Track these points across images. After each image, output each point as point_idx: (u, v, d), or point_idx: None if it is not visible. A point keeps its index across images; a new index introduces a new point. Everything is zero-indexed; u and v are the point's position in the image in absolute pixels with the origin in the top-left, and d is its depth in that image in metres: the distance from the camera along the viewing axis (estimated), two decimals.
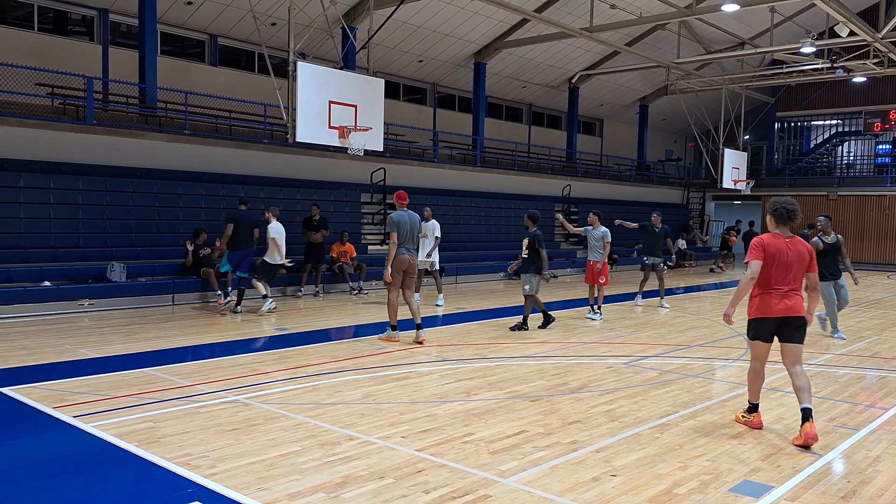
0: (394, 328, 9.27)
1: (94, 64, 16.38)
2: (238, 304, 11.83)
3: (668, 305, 13.47)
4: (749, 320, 5.68)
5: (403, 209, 9.39)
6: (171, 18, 17.67)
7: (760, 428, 5.75)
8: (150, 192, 14.16)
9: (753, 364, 5.80)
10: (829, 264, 9.96)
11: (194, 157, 15.26)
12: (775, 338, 5.60)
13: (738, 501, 4.27)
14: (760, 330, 5.59)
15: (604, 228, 12.04)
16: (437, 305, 13.08)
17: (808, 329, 5.69)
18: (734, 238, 25.20)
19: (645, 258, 13.72)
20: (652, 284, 13.96)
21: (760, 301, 5.54)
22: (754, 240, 5.63)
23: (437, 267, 13.63)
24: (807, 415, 5.35)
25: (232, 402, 6.22)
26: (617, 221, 13.72)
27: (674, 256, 13.53)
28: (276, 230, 11.75)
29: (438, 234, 13.33)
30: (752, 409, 5.87)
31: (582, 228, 12.48)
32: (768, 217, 5.68)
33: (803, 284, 5.72)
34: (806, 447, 5.28)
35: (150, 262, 13.18)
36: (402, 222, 9.19)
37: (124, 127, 14.50)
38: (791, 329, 5.52)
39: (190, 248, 12.83)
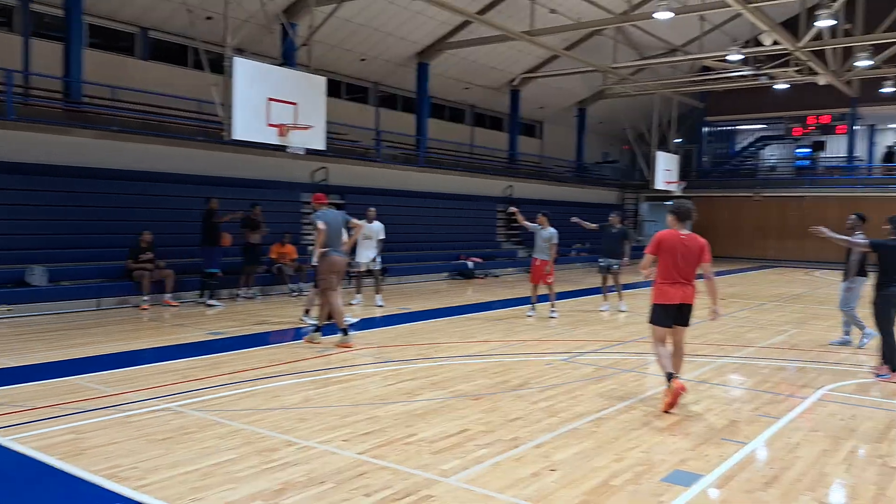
0: (345, 332, 9.02)
1: (13, 56, 15.59)
2: (211, 297, 12.84)
3: (626, 308, 12.96)
4: (652, 305, 6.41)
5: (325, 209, 9.26)
6: (99, 10, 16.98)
7: (684, 389, 6.16)
8: (74, 192, 13.57)
9: (656, 346, 6.42)
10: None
11: (124, 154, 14.70)
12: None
13: (669, 490, 4.40)
14: (661, 315, 6.33)
15: (552, 230, 12.04)
16: (378, 306, 12.99)
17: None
18: None
19: (601, 260, 13.28)
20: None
21: (661, 290, 6.31)
22: (655, 235, 6.45)
23: (379, 267, 13.57)
24: (670, 377, 6.17)
25: (163, 410, 6.01)
26: (573, 219, 13.64)
27: (626, 258, 12.99)
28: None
29: (383, 235, 13.36)
30: (670, 377, 6.25)
31: (532, 226, 12.37)
32: (668, 216, 6.48)
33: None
34: (673, 403, 6.12)
35: (74, 265, 12.62)
36: (328, 220, 9.02)
37: (47, 123, 13.86)
38: (683, 314, 6.34)
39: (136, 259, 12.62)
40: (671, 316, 6.31)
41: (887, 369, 7.73)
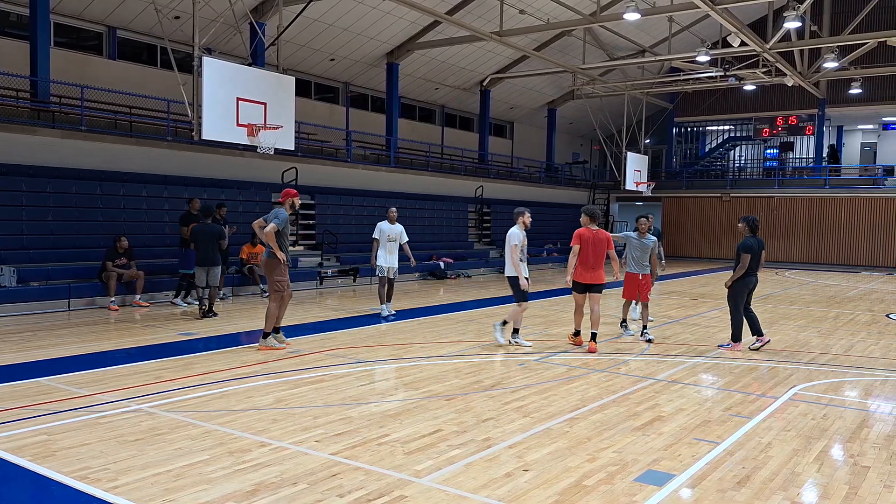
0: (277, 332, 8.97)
1: None
2: (177, 296, 12.89)
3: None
4: (573, 282, 9.13)
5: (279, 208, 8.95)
6: (66, 9, 16.70)
7: (581, 344, 9.28)
8: (42, 192, 13.36)
9: (577, 306, 9.30)
10: None
11: (92, 154, 14.49)
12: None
13: (642, 490, 4.45)
14: (579, 288, 9.18)
15: (653, 237, 10.48)
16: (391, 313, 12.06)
17: None
18: None
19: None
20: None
21: (579, 271, 9.09)
22: (575, 232, 9.06)
23: (394, 276, 12.05)
24: (594, 337, 9.10)
25: (135, 411, 5.96)
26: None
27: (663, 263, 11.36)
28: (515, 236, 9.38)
29: (406, 237, 11.95)
30: (577, 333, 9.45)
31: (622, 234, 10.80)
32: (582, 216, 9.15)
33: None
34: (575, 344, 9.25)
35: (44, 266, 12.42)
36: (283, 218, 8.77)
37: (14, 122, 13.60)
38: (595, 288, 9.14)
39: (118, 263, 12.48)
40: (586, 288, 9.12)
41: (728, 341, 9.54)
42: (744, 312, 9.43)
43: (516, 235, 9.26)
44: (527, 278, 9.25)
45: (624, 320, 10.68)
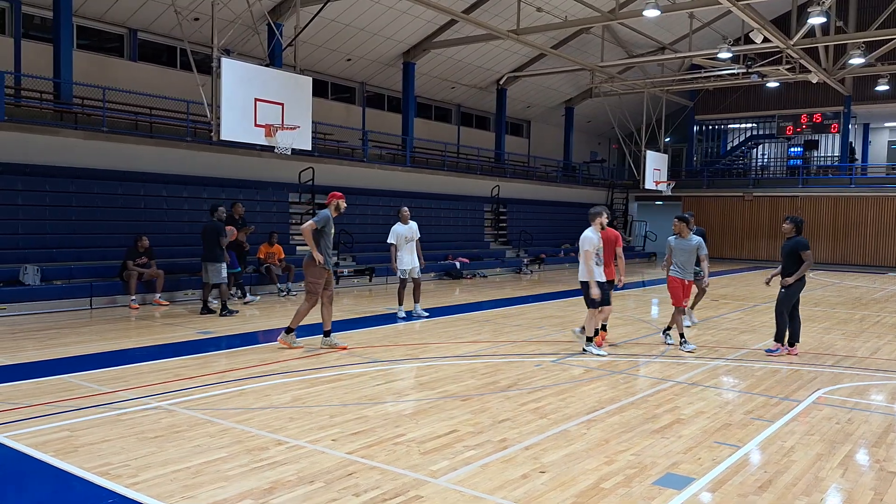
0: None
1: (5, 58, 15.52)
2: (242, 294, 13.42)
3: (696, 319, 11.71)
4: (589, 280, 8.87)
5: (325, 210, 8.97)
6: (88, 11, 16.92)
7: (601, 344, 9.04)
8: (65, 192, 13.56)
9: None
10: None
11: (113, 154, 14.67)
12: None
13: (661, 494, 4.39)
14: (599, 285, 8.67)
15: (696, 238, 9.46)
16: (422, 316, 11.83)
17: None
18: None
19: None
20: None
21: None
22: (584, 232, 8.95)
23: (418, 275, 11.87)
24: (603, 327, 9.43)
25: (154, 408, 6.02)
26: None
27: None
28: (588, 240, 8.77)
29: (419, 235, 11.86)
30: (596, 332, 9.01)
31: (666, 243, 9.69)
32: (591, 216, 9.10)
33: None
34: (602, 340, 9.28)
35: (66, 265, 12.60)
36: (323, 216, 8.81)
37: (38, 123, 13.80)
38: (609, 284, 9.06)
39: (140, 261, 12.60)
40: (597, 286, 8.80)
41: (776, 345, 9.10)
42: (789, 316, 9.01)
43: (590, 239, 8.56)
44: (598, 282, 8.54)
45: (682, 335, 9.41)
